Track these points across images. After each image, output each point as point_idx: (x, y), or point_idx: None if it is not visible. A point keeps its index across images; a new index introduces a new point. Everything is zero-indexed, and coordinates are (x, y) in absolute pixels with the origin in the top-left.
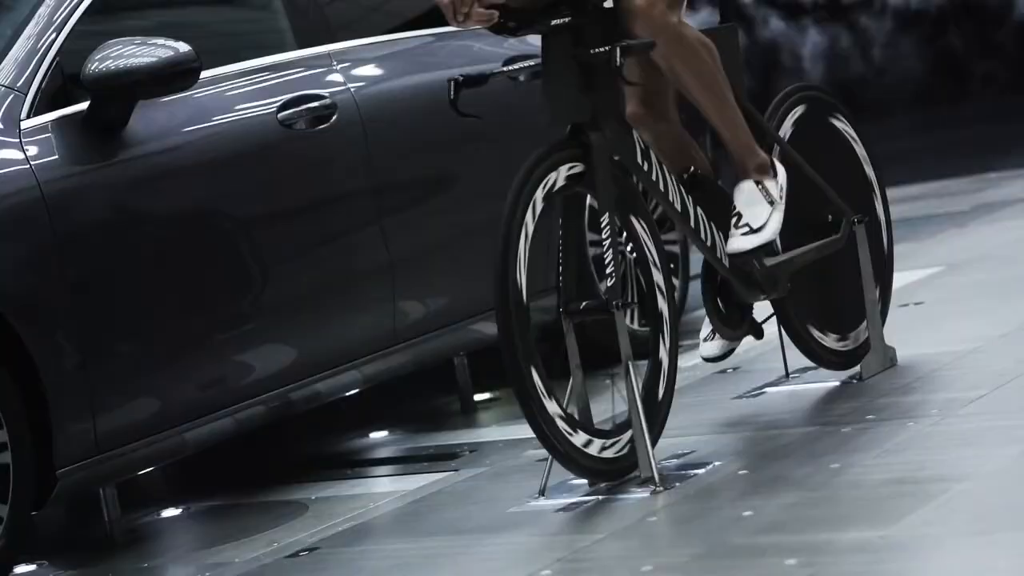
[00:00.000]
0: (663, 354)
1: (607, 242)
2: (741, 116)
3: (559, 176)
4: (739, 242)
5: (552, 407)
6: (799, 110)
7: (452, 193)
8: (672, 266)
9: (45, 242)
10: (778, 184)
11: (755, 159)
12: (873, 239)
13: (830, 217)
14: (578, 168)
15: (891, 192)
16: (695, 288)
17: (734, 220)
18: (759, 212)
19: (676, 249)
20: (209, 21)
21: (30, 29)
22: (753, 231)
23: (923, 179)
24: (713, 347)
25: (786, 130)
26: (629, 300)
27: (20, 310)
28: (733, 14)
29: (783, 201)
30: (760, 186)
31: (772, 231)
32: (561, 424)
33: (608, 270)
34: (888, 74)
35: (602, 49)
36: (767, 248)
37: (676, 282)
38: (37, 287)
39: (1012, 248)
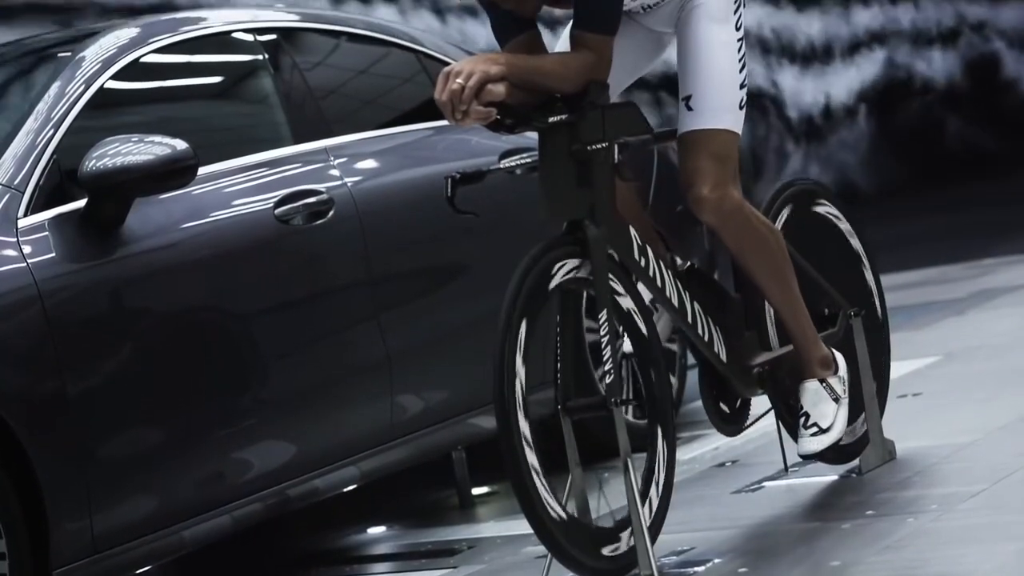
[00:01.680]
0: (661, 447)
1: (605, 339)
2: (804, 308)
3: (556, 273)
4: (810, 444)
5: (552, 504)
6: (792, 205)
7: (449, 287)
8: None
9: (41, 340)
10: (841, 379)
11: (818, 354)
12: (870, 331)
13: (827, 310)
14: (575, 264)
15: (888, 279)
16: (692, 379)
17: (802, 420)
18: (826, 411)
19: (674, 347)
20: (207, 115)
21: (28, 125)
22: (822, 431)
23: (920, 265)
24: None
25: (780, 224)
26: (627, 397)
27: (16, 409)
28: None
29: (847, 395)
30: (825, 384)
31: (840, 429)
32: (560, 522)
33: (606, 367)
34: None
35: (599, 146)
36: (835, 446)
37: (673, 377)
38: (33, 385)
39: (1010, 337)
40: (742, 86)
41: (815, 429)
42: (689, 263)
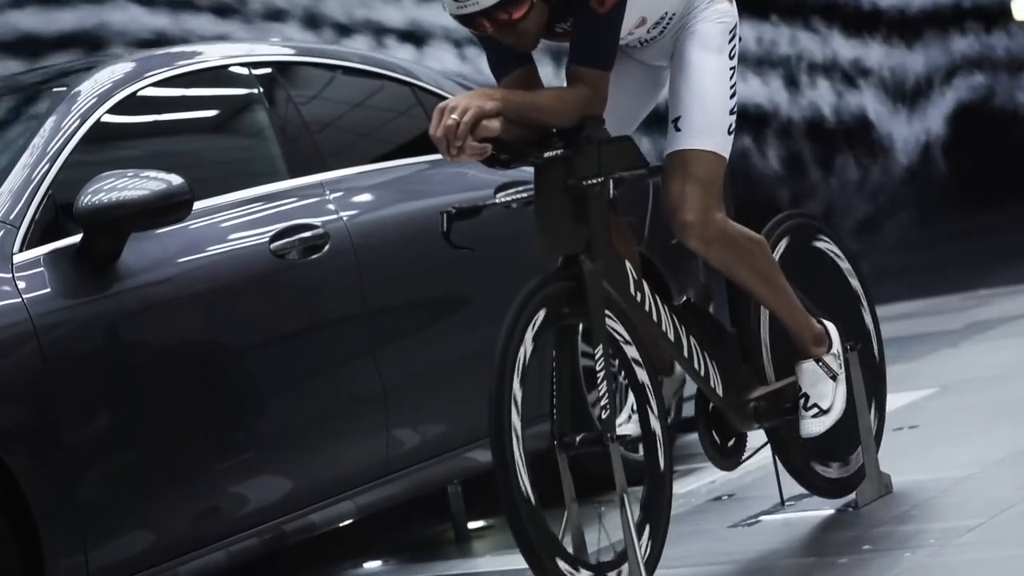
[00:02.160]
0: (658, 481)
1: (601, 374)
2: (793, 295)
3: (552, 307)
4: (812, 426)
5: (548, 539)
6: (787, 239)
7: (445, 321)
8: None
9: (37, 376)
10: (835, 355)
11: (811, 332)
12: (866, 365)
13: None
14: (571, 299)
15: (882, 310)
16: (688, 410)
17: (802, 402)
18: (825, 391)
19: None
20: (202, 149)
21: (24, 159)
22: (823, 412)
23: (914, 296)
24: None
25: (777, 257)
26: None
27: (11, 445)
28: None
29: (844, 370)
30: (821, 363)
31: (839, 409)
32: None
33: (602, 403)
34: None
35: (595, 180)
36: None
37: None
38: (29, 421)
39: (1005, 368)
40: (731, 112)
41: (816, 410)
42: (685, 298)
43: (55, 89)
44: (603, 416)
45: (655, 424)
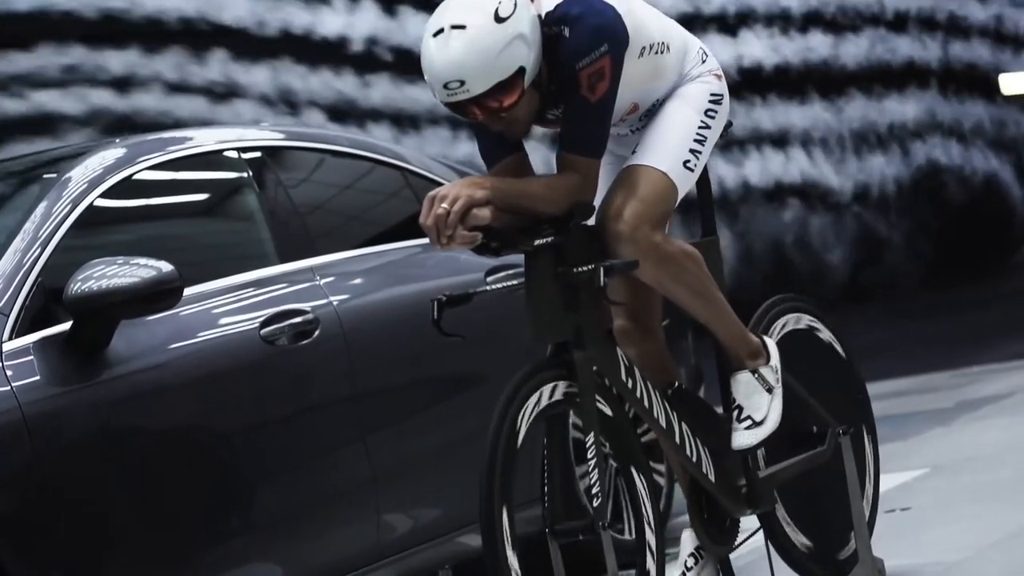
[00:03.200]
0: (650, 565)
1: (592, 462)
2: (729, 307)
3: (543, 396)
4: (744, 438)
5: None
6: (780, 323)
7: (436, 405)
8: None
9: (26, 464)
10: (773, 368)
11: (748, 347)
12: (858, 448)
13: (815, 428)
14: (562, 387)
15: (874, 387)
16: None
17: (735, 414)
18: (760, 403)
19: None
20: (193, 234)
21: (15, 245)
22: (756, 424)
23: (904, 373)
24: None
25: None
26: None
27: (1, 533)
28: (715, 225)
29: (780, 384)
30: (757, 375)
31: (774, 421)
32: None
33: (594, 490)
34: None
35: (585, 268)
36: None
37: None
38: (18, 510)
39: (998, 448)
40: (693, 152)
41: (749, 422)
42: (677, 383)
43: (45, 175)
44: (595, 504)
45: (646, 508)
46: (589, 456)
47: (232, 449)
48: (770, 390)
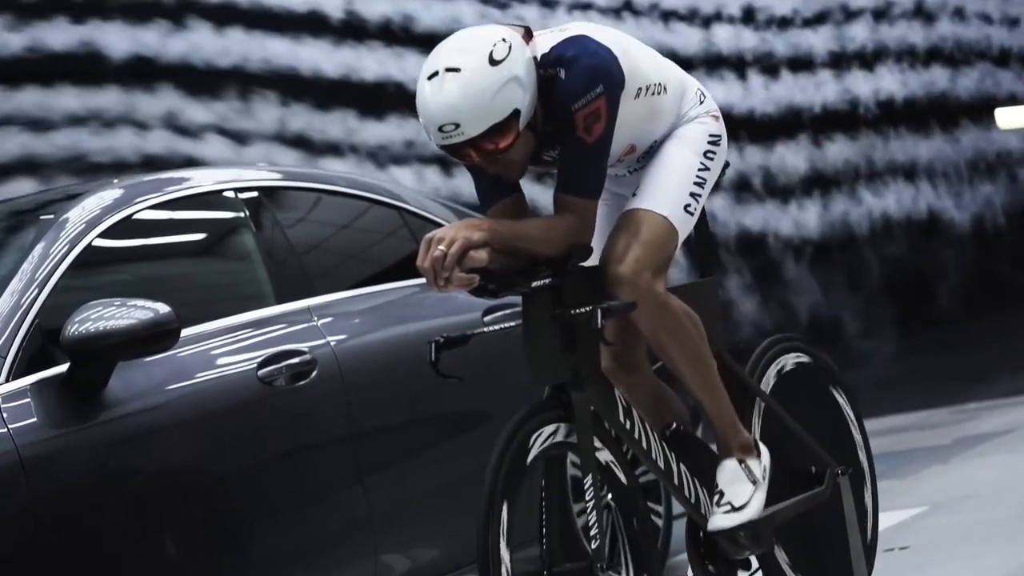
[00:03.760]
0: None
1: (591, 504)
2: (724, 391)
3: (541, 438)
4: (720, 520)
5: None
6: (779, 363)
7: (434, 445)
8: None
9: (23, 506)
10: (761, 464)
11: (739, 438)
12: (856, 488)
13: (813, 469)
14: (560, 429)
15: (872, 423)
16: (679, 529)
17: (716, 499)
18: (741, 491)
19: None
20: (190, 274)
21: (13, 286)
22: (735, 509)
23: (902, 409)
24: None
25: (767, 383)
26: (614, 561)
27: None
28: (713, 266)
29: (766, 481)
30: (743, 465)
31: (754, 510)
32: None
33: (592, 532)
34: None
35: (583, 310)
36: (748, 526)
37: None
38: (15, 551)
39: (996, 486)
40: (693, 196)
41: (728, 507)
42: (674, 425)
43: (42, 216)
44: (593, 545)
45: (643, 547)
46: (588, 498)
47: (230, 490)
48: (755, 482)
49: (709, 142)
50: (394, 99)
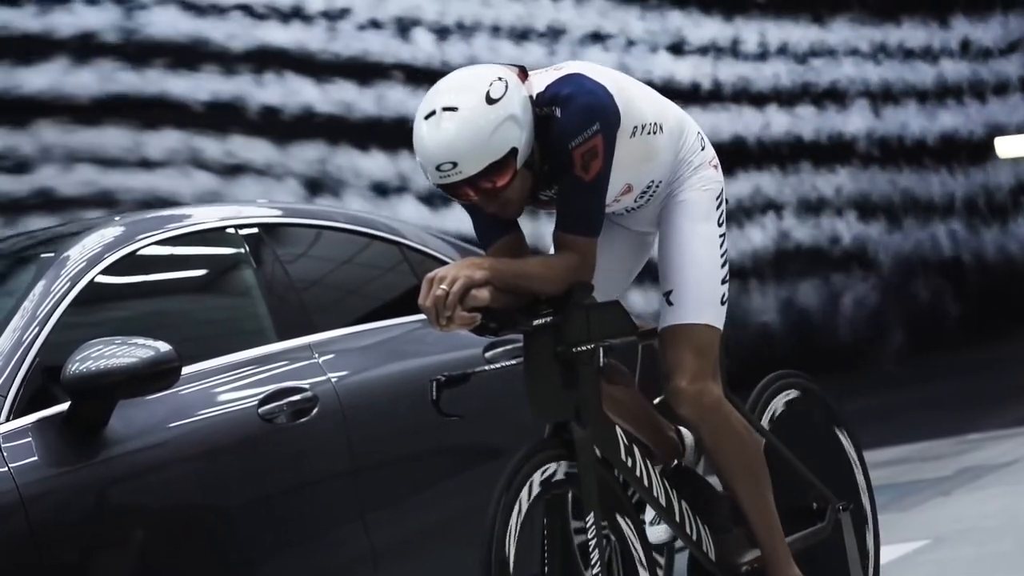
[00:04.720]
0: None
1: (592, 542)
2: (777, 517)
3: (543, 475)
4: None
5: None
6: (781, 398)
7: (436, 481)
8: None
9: (25, 548)
10: None
11: (789, 571)
12: (858, 523)
13: (815, 505)
14: (562, 466)
15: (872, 455)
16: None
17: None
18: None
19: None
20: (191, 311)
21: (14, 323)
22: None
23: (903, 440)
24: (660, 531)
25: (768, 418)
26: None
27: None
28: None
29: None
30: None
31: None
32: None
33: (594, 571)
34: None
35: (584, 348)
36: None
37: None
38: None
39: (999, 519)
40: (724, 281)
41: None
42: (676, 462)
43: (43, 254)
44: None
45: None
46: (590, 536)
47: (231, 528)
48: None
49: (717, 206)
50: None
